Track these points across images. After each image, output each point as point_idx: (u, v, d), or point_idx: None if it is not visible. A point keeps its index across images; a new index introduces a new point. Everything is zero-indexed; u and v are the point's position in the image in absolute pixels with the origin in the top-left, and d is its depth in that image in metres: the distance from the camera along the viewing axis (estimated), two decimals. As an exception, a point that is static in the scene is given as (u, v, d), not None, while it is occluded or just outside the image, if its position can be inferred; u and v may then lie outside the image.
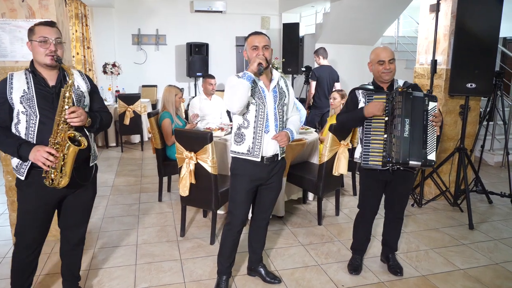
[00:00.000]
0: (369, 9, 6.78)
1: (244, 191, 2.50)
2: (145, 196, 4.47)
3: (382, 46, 2.70)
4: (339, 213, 3.97)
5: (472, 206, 3.79)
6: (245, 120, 2.43)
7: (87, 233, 3.45)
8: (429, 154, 2.45)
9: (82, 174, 2.19)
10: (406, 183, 2.74)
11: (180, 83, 8.52)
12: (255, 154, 2.43)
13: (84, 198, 2.32)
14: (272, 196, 2.62)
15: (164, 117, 4.06)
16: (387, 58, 2.55)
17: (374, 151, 2.59)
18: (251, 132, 2.43)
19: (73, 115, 2.01)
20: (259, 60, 2.29)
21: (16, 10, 2.99)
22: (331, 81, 5.64)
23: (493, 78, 3.93)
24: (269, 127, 2.43)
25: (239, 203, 2.53)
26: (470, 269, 2.96)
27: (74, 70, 2.27)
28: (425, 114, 2.45)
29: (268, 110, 2.42)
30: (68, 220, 2.33)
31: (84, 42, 7.60)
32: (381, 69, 2.57)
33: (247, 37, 2.47)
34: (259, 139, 2.42)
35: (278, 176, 2.58)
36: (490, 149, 5.99)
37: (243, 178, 2.49)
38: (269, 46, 2.42)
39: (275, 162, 2.52)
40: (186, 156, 3.17)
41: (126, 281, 2.78)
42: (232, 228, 2.57)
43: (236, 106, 2.31)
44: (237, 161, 2.50)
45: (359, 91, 2.70)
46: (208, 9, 8.36)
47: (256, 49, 2.38)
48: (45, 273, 2.84)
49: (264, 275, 2.77)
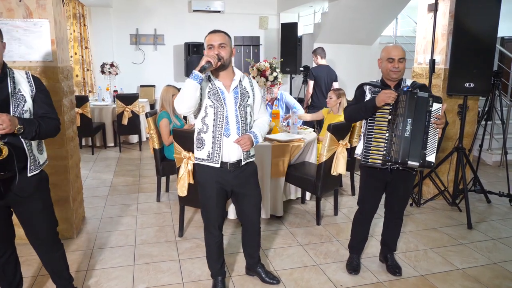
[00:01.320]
0: (367, 9, 6.78)
1: (212, 197, 2.42)
2: (144, 196, 4.46)
3: (394, 44, 2.68)
4: (337, 213, 3.96)
5: (470, 206, 3.79)
6: (203, 124, 2.34)
7: (85, 234, 3.48)
8: (429, 155, 2.44)
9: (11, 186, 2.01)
10: (406, 183, 2.73)
11: (179, 83, 8.49)
12: (214, 159, 2.34)
13: (32, 210, 2.16)
14: (251, 204, 2.53)
15: (162, 117, 4.05)
16: (397, 56, 2.53)
17: (375, 149, 2.59)
18: (210, 137, 2.33)
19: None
20: (207, 58, 2.18)
21: (13, 10, 2.98)
22: (329, 80, 5.64)
23: (491, 77, 3.93)
24: (229, 130, 2.33)
25: (210, 209, 2.46)
26: (468, 269, 2.96)
27: (21, 71, 2.13)
28: (428, 115, 2.44)
29: (228, 112, 2.32)
30: (27, 233, 2.22)
31: (82, 42, 7.58)
32: (390, 66, 2.54)
33: (205, 36, 2.36)
34: (219, 143, 2.33)
35: (251, 183, 2.49)
36: (489, 149, 6.00)
37: (207, 185, 2.41)
38: (226, 44, 2.30)
39: (240, 168, 2.42)
40: (184, 156, 3.16)
41: (124, 282, 2.77)
42: (210, 232, 2.53)
43: (183, 106, 2.21)
44: (199, 167, 2.42)
45: (366, 86, 2.68)
46: (206, 9, 8.35)
47: (211, 48, 2.28)
48: (43, 274, 2.82)
49: (263, 275, 2.75)
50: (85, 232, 3.53)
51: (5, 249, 2.22)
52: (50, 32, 3.06)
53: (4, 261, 2.23)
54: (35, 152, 2.12)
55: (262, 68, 4.16)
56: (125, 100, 6.33)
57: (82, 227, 3.62)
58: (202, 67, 2.16)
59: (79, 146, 6.18)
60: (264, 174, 3.55)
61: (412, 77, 4.50)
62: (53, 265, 2.38)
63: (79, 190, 3.70)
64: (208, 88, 2.32)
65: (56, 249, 2.34)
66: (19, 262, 2.36)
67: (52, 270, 2.41)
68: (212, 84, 2.33)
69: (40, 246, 2.29)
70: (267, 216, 3.69)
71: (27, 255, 2.98)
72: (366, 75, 6.41)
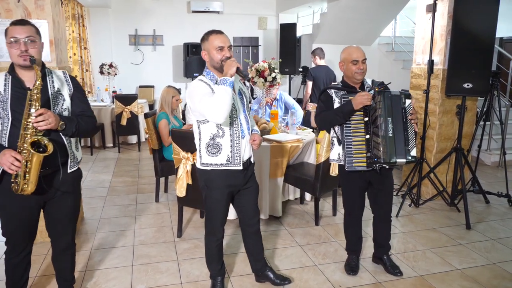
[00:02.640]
0: (366, 10, 6.79)
1: (222, 201, 2.42)
2: (142, 196, 4.46)
3: (354, 46, 2.65)
4: (336, 213, 3.96)
5: (469, 206, 3.80)
6: (219, 129, 2.29)
7: (83, 234, 3.48)
8: (411, 150, 2.49)
9: (53, 181, 2.10)
10: (389, 178, 2.77)
11: (177, 83, 8.50)
12: (236, 162, 2.32)
13: (65, 206, 2.23)
14: (252, 197, 2.53)
15: (161, 118, 4.05)
16: (361, 58, 2.55)
17: (357, 152, 2.58)
18: (228, 140, 2.30)
19: (40, 118, 1.90)
20: (236, 65, 2.16)
21: (12, 11, 2.98)
22: (328, 81, 5.65)
23: (490, 78, 3.94)
24: (243, 131, 2.35)
25: (218, 214, 2.45)
26: (467, 269, 2.96)
27: (56, 71, 2.19)
28: (404, 112, 2.48)
29: (240, 114, 2.34)
30: (52, 227, 2.27)
31: (81, 42, 7.58)
32: (355, 68, 2.57)
33: (205, 36, 2.30)
34: (238, 146, 2.31)
35: (253, 178, 2.53)
36: (487, 149, 6.00)
37: (220, 189, 2.38)
38: (232, 45, 2.31)
39: (249, 165, 2.46)
40: (182, 157, 3.16)
41: (122, 282, 2.77)
42: (213, 237, 2.52)
43: (223, 115, 2.13)
44: (211, 173, 2.35)
45: (331, 90, 2.69)
46: (205, 10, 8.36)
47: (222, 50, 2.23)
48: (40, 275, 2.82)
49: (274, 279, 2.69)
50: (83, 233, 3.53)
51: (24, 247, 2.22)
52: (48, 33, 3.07)
53: (18, 261, 2.23)
54: (74, 149, 2.20)
55: (261, 69, 4.16)
56: (124, 100, 6.33)
57: (81, 228, 3.61)
58: (245, 74, 2.22)
59: (78, 146, 6.19)
60: (262, 175, 3.55)
61: (410, 78, 4.51)
62: (61, 263, 2.41)
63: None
64: None
65: (70, 247, 2.38)
66: (30, 264, 2.34)
67: (58, 269, 2.42)
68: None
69: (60, 244, 2.33)
70: (265, 216, 3.69)
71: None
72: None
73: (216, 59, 2.25)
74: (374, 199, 2.83)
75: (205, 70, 2.36)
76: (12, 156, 1.89)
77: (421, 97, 4.21)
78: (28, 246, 2.25)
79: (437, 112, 4.16)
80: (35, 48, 2.01)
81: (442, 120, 4.19)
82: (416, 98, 4.31)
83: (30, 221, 2.18)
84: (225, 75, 2.16)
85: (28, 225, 2.18)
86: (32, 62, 1.93)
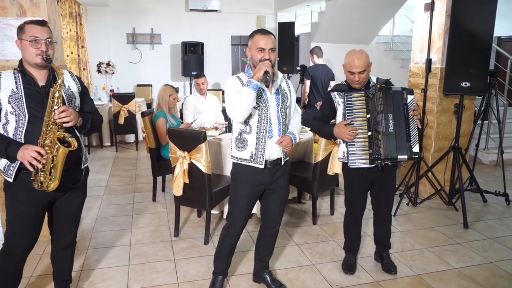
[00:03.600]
0: (364, 8, 6.78)
1: (246, 197, 2.42)
2: (139, 196, 4.44)
3: (357, 53, 2.58)
4: (334, 212, 3.96)
5: (466, 205, 3.80)
6: (247, 125, 2.32)
7: (80, 234, 3.46)
8: (413, 146, 2.47)
9: (72, 177, 2.13)
10: (391, 177, 2.76)
11: (175, 82, 8.48)
12: (258, 160, 2.33)
13: (74, 202, 2.28)
14: (279, 201, 2.51)
15: (158, 116, 4.04)
16: (358, 70, 2.53)
17: (360, 149, 2.59)
18: (253, 138, 2.33)
19: (63, 115, 1.96)
20: (265, 68, 2.16)
21: (7, 8, 2.96)
22: (326, 79, 5.63)
23: (488, 77, 3.93)
24: (272, 131, 2.34)
25: (240, 208, 2.45)
26: (464, 268, 2.96)
27: (65, 71, 2.22)
28: (405, 108, 2.48)
29: (271, 114, 2.33)
30: (58, 224, 2.28)
31: (78, 41, 7.55)
32: (351, 78, 2.58)
33: (252, 34, 2.30)
34: (262, 144, 2.32)
35: (282, 180, 2.49)
36: (485, 148, 6.00)
37: (245, 184, 2.40)
38: (275, 48, 2.29)
39: (278, 165, 2.43)
40: (179, 156, 3.15)
41: (119, 282, 2.75)
42: (231, 232, 2.51)
43: (241, 116, 2.22)
44: (238, 166, 2.41)
45: (334, 93, 2.69)
46: (203, 8, 8.33)
47: (262, 51, 2.24)
48: (37, 274, 2.81)
49: (270, 283, 2.67)
50: (80, 232, 3.49)
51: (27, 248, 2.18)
52: (44, 31, 3.04)
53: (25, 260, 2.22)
54: (82, 145, 2.24)
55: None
56: (122, 99, 6.31)
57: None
58: (267, 80, 2.21)
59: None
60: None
61: (408, 76, 4.50)
62: (61, 261, 2.40)
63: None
64: None
65: (72, 245, 2.39)
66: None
67: (58, 267, 2.41)
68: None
69: (63, 241, 2.33)
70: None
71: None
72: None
73: (256, 58, 2.27)
74: (376, 197, 2.82)
75: (247, 66, 2.41)
76: (35, 150, 1.91)
77: (419, 96, 4.20)
78: (31, 246, 2.20)
79: (435, 111, 4.16)
80: (53, 49, 2.08)
81: (440, 119, 4.19)
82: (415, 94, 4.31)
83: (40, 219, 2.18)
84: (253, 77, 2.18)
85: (37, 225, 2.16)
86: (49, 61, 2.00)
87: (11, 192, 2.09)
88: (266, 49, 2.24)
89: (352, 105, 2.57)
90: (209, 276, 2.70)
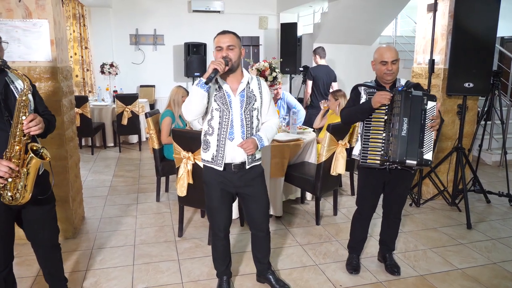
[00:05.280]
0: (367, 9, 6.78)
1: (217, 198, 2.41)
2: (143, 196, 4.46)
3: (386, 46, 2.65)
4: (337, 213, 3.96)
5: (470, 206, 3.80)
6: (209, 127, 2.32)
7: (84, 234, 3.48)
8: (426, 153, 2.45)
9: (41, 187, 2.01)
10: (405, 182, 2.74)
11: (178, 83, 8.46)
12: (218, 162, 2.33)
13: (44, 208, 2.11)
14: (258, 208, 2.48)
15: (166, 115, 4.06)
16: (390, 59, 2.52)
17: (373, 149, 2.59)
18: (215, 140, 2.32)
19: (32, 124, 1.81)
20: (214, 66, 2.12)
21: (13, 10, 2.98)
22: (328, 80, 5.64)
23: (491, 77, 3.93)
24: (233, 134, 2.29)
25: (214, 211, 2.45)
26: (468, 269, 2.96)
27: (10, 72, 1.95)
28: (423, 114, 2.45)
29: (234, 116, 2.28)
30: (34, 234, 2.14)
31: (82, 42, 7.58)
32: (383, 69, 2.54)
33: (215, 37, 2.30)
34: (223, 147, 2.30)
35: (257, 186, 2.44)
36: (488, 149, 6.00)
37: (212, 186, 2.40)
38: (235, 46, 2.24)
39: (244, 170, 2.37)
40: (183, 156, 3.16)
41: (123, 282, 2.77)
42: (216, 234, 2.52)
43: (190, 115, 2.23)
44: (204, 168, 2.43)
45: (361, 87, 2.68)
46: (206, 9, 8.34)
47: (220, 50, 2.22)
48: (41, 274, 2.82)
49: (274, 283, 2.67)
50: (84, 232, 3.53)
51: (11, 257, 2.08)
52: (49, 32, 3.06)
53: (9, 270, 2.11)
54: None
55: (262, 68, 4.16)
56: (125, 100, 6.33)
57: (82, 227, 3.62)
58: (209, 77, 2.11)
59: (79, 146, 6.19)
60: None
61: (411, 77, 4.50)
62: (51, 265, 2.34)
63: (79, 190, 3.70)
64: (215, 91, 2.29)
65: (57, 248, 2.31)
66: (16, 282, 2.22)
67: (49, 272, 2.35)
68: (219, 87, 2.29)
69: (45, 248, 2.24)
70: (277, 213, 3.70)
71: (27, 255, 2.98)
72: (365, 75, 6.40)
73: (216, 58, 2.26)
74: (387, 198, 2.83)
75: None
76: (4, 165, 1.77)
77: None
78: (10, 263, 2.09)
79: (440, 113, 4.15)
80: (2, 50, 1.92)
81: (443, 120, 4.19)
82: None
83: (11, 233, 2.05)
84: (203, 76, 2.15)
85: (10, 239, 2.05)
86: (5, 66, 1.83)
87: None
88: (224, 47, 2.22)
89: None
90: (213, 276, 2.71)
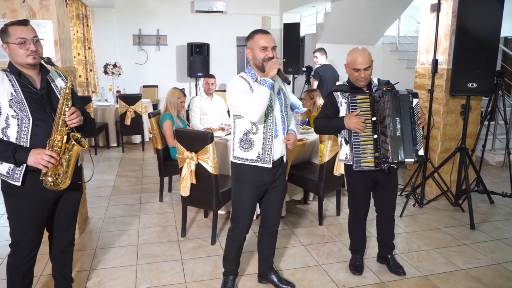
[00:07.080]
0: (370, 9, 6.77)
1: (251, 197, 2.43)
2: (146, 196, 4.47)
3: (360, 50, 2.59)
4: (340, 213, 3.96)
5: (473, 206, 3.79)
6: (253, 125, 2.32)
7: (88, 234, 3.50)
8: (419, 149, 2.49)
9: (76, 175, 2.18)
10: (394, 177, 2.77)
11: (181, 83, 8.52)
12: (266, 160, 2.34)
13: (75, 198, 2.32)
14: (279, 197, 2.54)
15: (165, 119, 4.05)
16: (363, 66, 2.52)
17: (365, 152, 2.58)
18: (260, 138, 2.32)
19: (73, 116, 2.00)
20: (278, 66, 2.18)
21: (17, 11, 3.00)
22: (333, 80, 5.65)
23: (494, 77, 3.92)
24: (278, 131, 2.36)
25: (246, 209, 2.45)
26: (471, 269, 2.95)
27: (52, 70, 2.18)
28: (412, 111, 2.49)
29: (276, 113, 2.35)
30: (59, 221, 2.28)
31: (85, 42, 7.61)
32: (356, 75, 2.57)
33: (251, 35, 2.32)
34: (269, 144, 2.33)
35: (282, 178, 2.52)
36: (492, 149, 5.98)
37: (250, 184, 2.40)
38: (276, 46, 2.32)
39: (280, 164, 2.46)
40: (187, 157, 3.17)
41: (127, 282, 2.78)
42: (237, 233, 2.52)
43: (258, 115, 2.19)
44: (242, 167, 2.39)
45: (337, 93, 2.69)
46: (208, 9, 8.36)
47: (265, 50, 2.26)
48: (46, 273, 2.84)
49: (277, 282, 2.67)
50: (88, 232, 3.54)
51: (33, 247, 2.18)
52: (53, 33, 3.08)
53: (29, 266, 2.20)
54: None
55: (265, 69, 4.15)
56: (128, 100, 6.34)
57: (85, 227, 3.63)
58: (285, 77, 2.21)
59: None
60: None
61: (414, 77, 4.50)
62: (63, 261, 2.40)
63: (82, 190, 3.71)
64: None
65: (72, 243, 2.41)
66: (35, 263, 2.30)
67: (59, 267, 2.42)
68: None
69: (64, 239, 2.34)
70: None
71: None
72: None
73: (259, 58, 2.27)
74: (379, 198, 2.83)
75: (247, 67, 2.41)
76: (47, 154, 1.94)
77: (426, 97, 4.20)
78: (38, 246, 2.21)
79: (441, 111, 4.15)
80: (41, 47, 2.06)
81: (446, 120, 4.18)
82: (420, 98, 4.30)
83: (45, 219, 2.19)
84: (266, 76, 2.19)
85: (42, 224, 2.19)
86: (50, 63, 2.01)
87: (17, 195, 2.06)
88: (269, 47, 2.26)
89: (357, 107, 2.56)
90: (216, 276, 2.72)
